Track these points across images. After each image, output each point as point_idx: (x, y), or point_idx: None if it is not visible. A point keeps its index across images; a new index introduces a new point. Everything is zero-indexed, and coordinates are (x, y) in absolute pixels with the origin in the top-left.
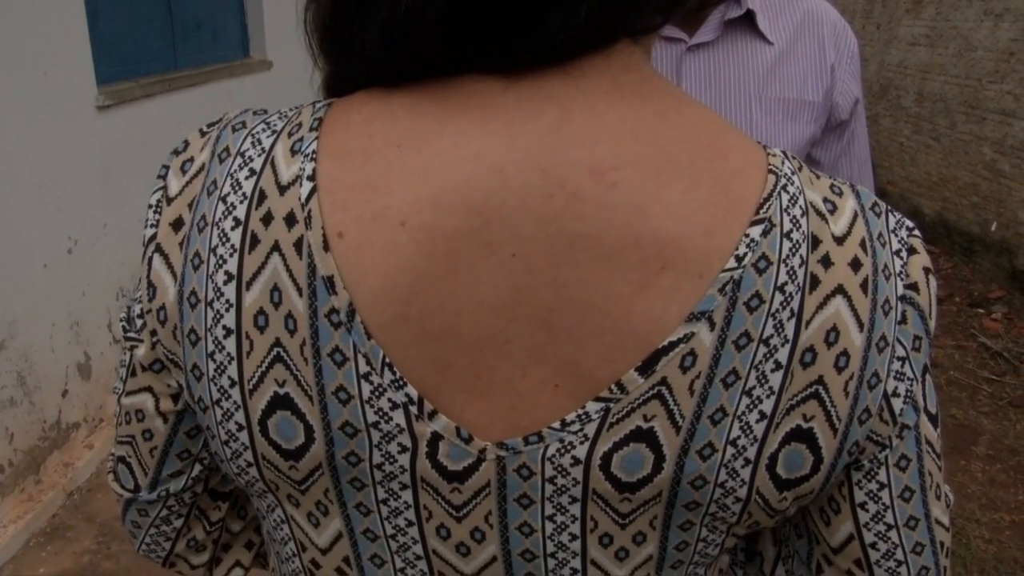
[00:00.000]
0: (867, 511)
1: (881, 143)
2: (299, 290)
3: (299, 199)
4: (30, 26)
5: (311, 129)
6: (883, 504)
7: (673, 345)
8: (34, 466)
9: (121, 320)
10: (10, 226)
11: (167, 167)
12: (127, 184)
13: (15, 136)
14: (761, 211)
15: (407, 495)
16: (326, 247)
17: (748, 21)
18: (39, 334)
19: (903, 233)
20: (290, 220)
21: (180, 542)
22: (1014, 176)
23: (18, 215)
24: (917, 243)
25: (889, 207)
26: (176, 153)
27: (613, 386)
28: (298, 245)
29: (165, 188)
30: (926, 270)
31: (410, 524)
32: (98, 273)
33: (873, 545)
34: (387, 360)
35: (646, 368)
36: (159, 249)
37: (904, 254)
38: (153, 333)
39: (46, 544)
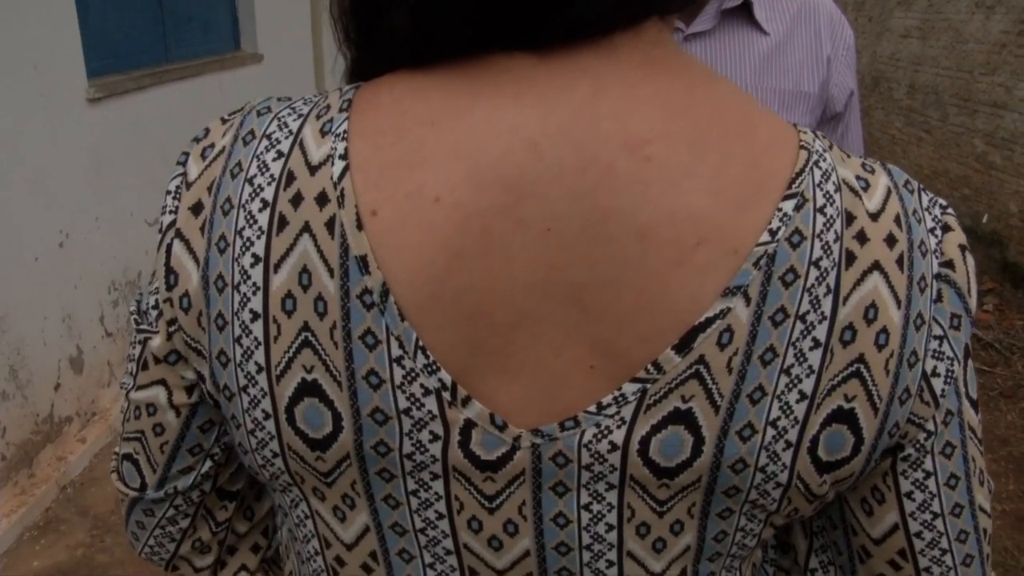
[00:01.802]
0: (913, 500)
1: (873, 135)
2: (330, 271)
3: (331, 178)
4: (20, 19)
5: (341, 110)
6: (929, 492)
7: (710, 321)
8: (27, 460)
9: (131, 313)
10: (1, 219)
11: (187, 154)
12: (118, 177)
13: (6, 129)
14: (793, 186)
15: (438, 485)
16: (359, 226)
17: (745, 11)
18: (31, 328)
19: (937, 211)
20: (321, 200)
21: (185, 543)
22: (1005, 168)
23: (9, 208)
24: (952, 221)
25: (921, 185)
26: (196, 140)
27: (650, 366)
28: (330, 225)
29: (184, 174)
30: (962, 248)
31: (440, 517)
32: (90, 266)
33: (919, 534)
34: (420, 343)
35: (683, 346)
36: (179, 235)
37: (939, 232)
38: (171, 323)
39: (39, 538)
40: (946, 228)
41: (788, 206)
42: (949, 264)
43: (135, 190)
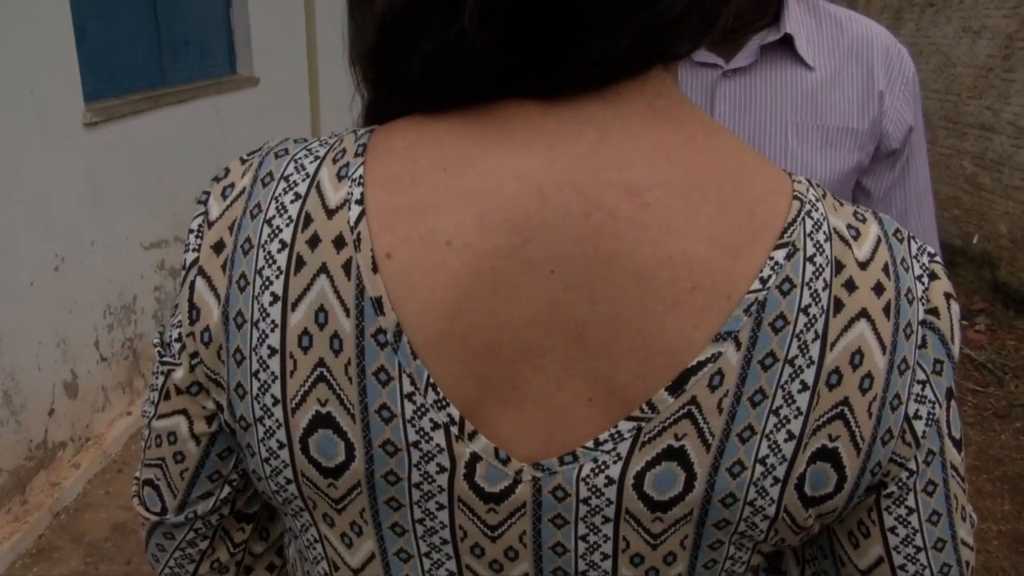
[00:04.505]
0: (897, 535)
1: None
2: (346, 311)
3: (348, 222)
4: (17, 44)
5: (356, 155)
6: (912, 528)
7: (701, 365)
8: (20, 486)
9: (155, 345)
10: None
11: (208, 193)
12: (114, 201)
13: (2, 153)
14: (785, 235)
15: (443, 515)
16: (375, 269)
17: (787, 45)
18: (25, 352)
19: (925, 259)
20: (339, 243)
21: (204, 564)
22: (994, 189)
23: (5, 232)
24: (938, 269)
25: (911, 234)
26: (217, 180)
27: (644, 406)
28: (347, 267)
29: (206, 213)
30: (947, 296)
31: (445, 542)
32: (85, 291)
33: (902, 567)
34: (431, 380)
35: (676, 388)
36: (202, 272)
37: (926, 279)
38: (193, 355)
39: (32, 565)
40: (933, 276)
41: (780, 255)
42: (934, 312)
43: (131, 214)
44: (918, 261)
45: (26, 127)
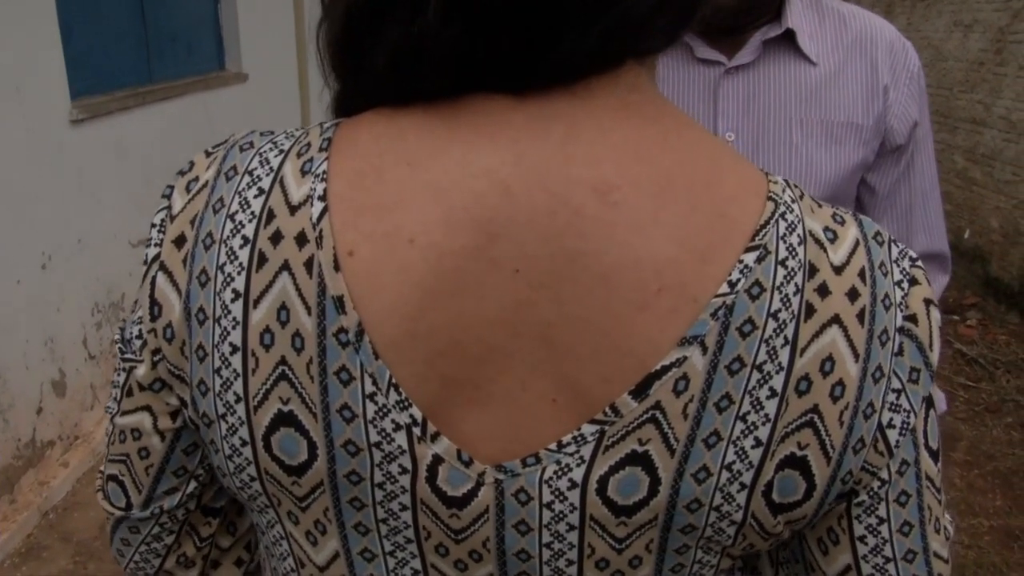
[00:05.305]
0: (866, 544)
1: None
2: (308, 309)
3: (310, 219)
4: (2, 41)
5: (321, 149)
6: (882, 538)
7: (666, 369)
8: (8, 485)
9: (115, 342)
10: None
11: (172, 187)
12: (101, 198)
13: None
14: (757, 238)
15: (406, 516)
16: (336, 267)
17: (790, 41)
18: (13, 351)
19: (905, 263)
20: (301, 240)
21: (170, 558)
22: (985, 184)
23: None
24: (919, 274)
25: (892, 237)
26: (181, 173)
27: (608, 409)
28: (308, 265)
29: (169, 207)
30: (927, 301)
31: (409, 541)
32: (73, 289)
33: None
34: (393, 380)
35: (640, 392)
36: (163, 267)
37: (905, 284)
38: (155, 352)
39: (21, 565)
40: (913, 281)
41: (750, 258)
42: (912, 318)
43: (118, 211)
44: (898, 265)
45: (12, 124)
